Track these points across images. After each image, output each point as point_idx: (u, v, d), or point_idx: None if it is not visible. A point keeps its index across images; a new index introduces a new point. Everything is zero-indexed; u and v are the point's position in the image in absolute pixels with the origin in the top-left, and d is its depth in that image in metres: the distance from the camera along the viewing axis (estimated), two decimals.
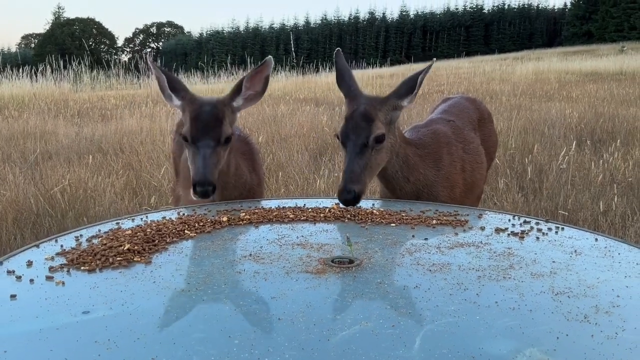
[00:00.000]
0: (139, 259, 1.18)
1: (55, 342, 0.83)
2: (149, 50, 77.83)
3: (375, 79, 17.00)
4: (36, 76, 14.94)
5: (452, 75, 18.08)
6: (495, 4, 76.21)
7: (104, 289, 1.03)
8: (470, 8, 74.91)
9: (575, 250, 1.27)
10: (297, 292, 1.02)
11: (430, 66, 1.79)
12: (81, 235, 1.36)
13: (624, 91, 11.77)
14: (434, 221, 1.51)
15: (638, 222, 3.26)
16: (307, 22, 76.31)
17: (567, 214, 3.33)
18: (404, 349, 0.81)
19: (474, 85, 13.93)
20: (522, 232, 1.41)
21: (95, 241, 1.30)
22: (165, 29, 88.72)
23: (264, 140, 6.05)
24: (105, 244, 1.25)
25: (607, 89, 12.33)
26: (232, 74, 17.65)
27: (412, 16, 75.94)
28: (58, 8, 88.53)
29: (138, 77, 16.38)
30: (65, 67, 15.58)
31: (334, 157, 5.15)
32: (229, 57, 20.09)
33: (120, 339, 0.83)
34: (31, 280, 1.07)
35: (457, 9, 75.89)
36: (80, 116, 9.35)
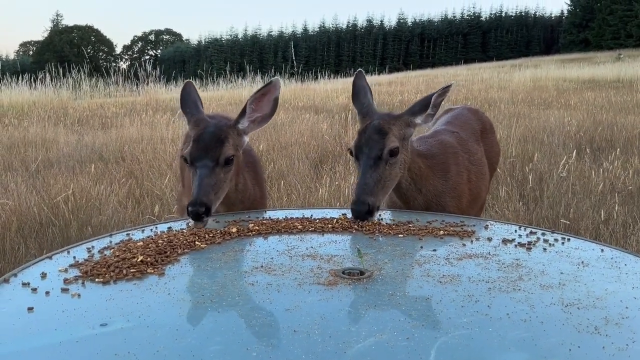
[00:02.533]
0: (152, 271, 1.19)
1: (76, 355, 0.85)
2: (147, 57, 77.96)
3: (374, 87, 17.03)
4: (35, 84, 14.99)
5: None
6: (493, 12, 76.67)
7: (119, 301, 1.05)
8: (467, 16, 75.32)
9: (582, 262, 1.29)
10: (311, 304, 1.04)
11: (447, 88, 1.79)
12: (93, 247, 1.37)
13: (621, 99, 11.83)
14: (441, 232, 1.52)
15: (639, 231, 3.28)
16: (305, 30, 76.56)
17: (568, 222, 3.35)
18: None
19: (472, 93, 13.98)
20: (529, 243, 1.43)
21: (107, 252, 1.32)
22: (164, 37, 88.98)
23: (264, 148, 6.07)
24: (118, 256, 1.26)
25: (604, 96, 12.40)
26: (231, 82, 17.70)
27: (409, 24, 76.28)
28: (56, 15, 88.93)
29: (137, 85, 16.41)
30: (64, 75, 15.62)
31: (335, 165, 5.16)
32: (228, 65, 20.11)
33: (139, 351, 0.85)
34: (47, 293, 1.09)
35: (454, 16, 76.28)
36: (80, 124, 9.37)
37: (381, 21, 77.48)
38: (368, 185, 1.66)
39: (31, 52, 77.98)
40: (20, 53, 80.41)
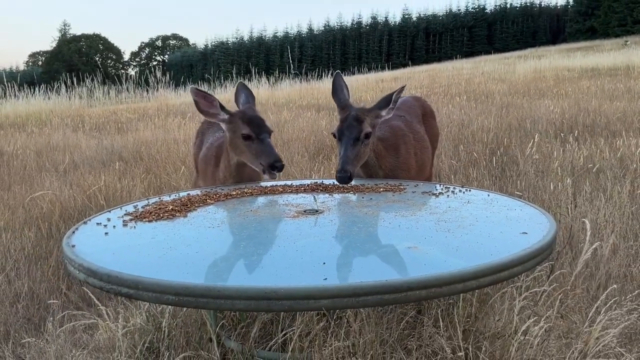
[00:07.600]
0: (179, 215, 1.82)
1: (139, 249, 1.47)
2: (155, 63, 78.95)
3: (377, 83, 17.63)
4: (50, 93, 15.80)
5: (453, 77, 18.65)
6: (498, 4, 76.76)
7: (160, 229, 1.67)
8: (472, 9, 75.51)
9: (469, 201, 1.89)
10: (279, 225, 1.65)
11: (402, 88, 2.40)
12: (137, 205, 2.00)
13: (614, 86, 12.27)
14: (381, 189, 2.13)
15: (583, 204, 3.83)
16: (311, 29, 77.35)
17: (521, 194, 3.92)
18: (339, 246, 1.45)
19: (471, 86, 14.45)
20: (440, 193, 2.03)
21: (147, 207, 1.94)
22: (171, 42, 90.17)
23: None
24: (155, 208, 1.89)
25: (599, 84, 12.83)
26: None
27: (414, 19, 76.69)
28: (64, 25, 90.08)
29: (147, 91, 17.16)
30: (78, 84, 16.43)
31: (330, 155, 5.77)
32: (234, 68, 20.74)
33: (176, 245, 1.47)
34: (114, 227, 1.71)
35: (459, 10, 76.55)
36: (98, 130, 10.06)
37: (386, 17, 77.98)
38: (349, 158, 2.24)
39: (40, 63, 79.29)
40: (30, 64, 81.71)
